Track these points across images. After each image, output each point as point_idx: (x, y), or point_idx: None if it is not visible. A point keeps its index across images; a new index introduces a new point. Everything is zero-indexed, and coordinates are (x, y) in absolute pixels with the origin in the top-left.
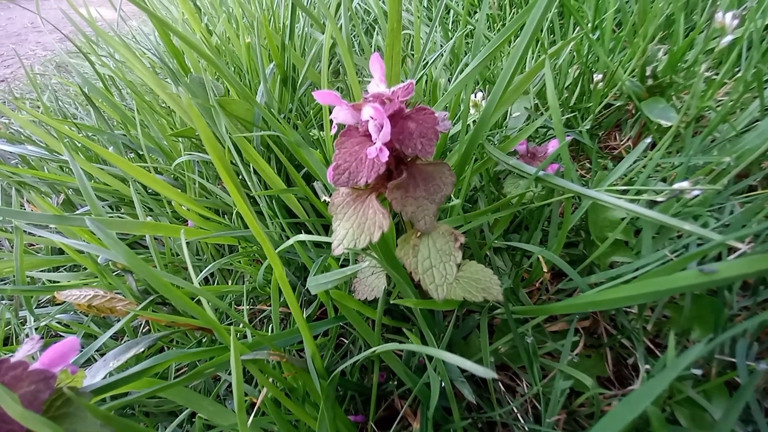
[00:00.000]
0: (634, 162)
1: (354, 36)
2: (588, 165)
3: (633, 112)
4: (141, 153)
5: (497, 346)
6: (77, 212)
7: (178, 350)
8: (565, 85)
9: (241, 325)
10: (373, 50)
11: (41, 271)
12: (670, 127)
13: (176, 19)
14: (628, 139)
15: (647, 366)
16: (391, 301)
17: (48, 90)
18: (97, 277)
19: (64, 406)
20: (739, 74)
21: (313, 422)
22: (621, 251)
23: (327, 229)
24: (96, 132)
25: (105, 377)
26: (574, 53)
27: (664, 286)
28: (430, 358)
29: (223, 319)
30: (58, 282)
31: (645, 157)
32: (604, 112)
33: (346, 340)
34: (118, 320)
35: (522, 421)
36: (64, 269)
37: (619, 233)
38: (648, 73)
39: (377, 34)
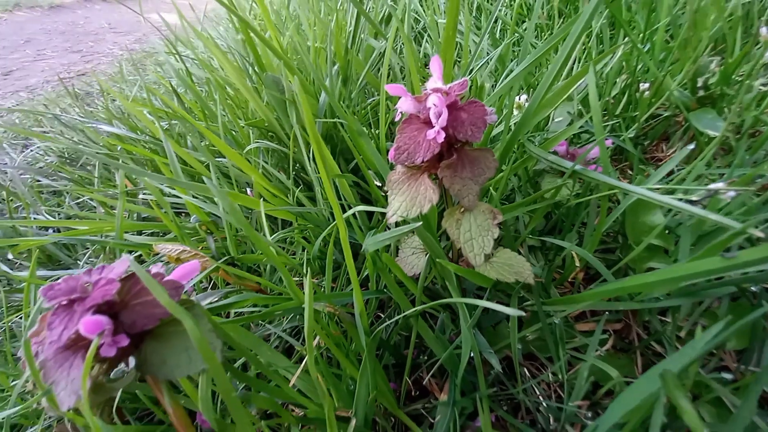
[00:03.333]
0: (678, 170)
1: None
2: (629, 172)
3: (682, 123)
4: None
5: (525, 333)
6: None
7: (251, 293)
8: (612, 94)
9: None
10: (421, 56)
11: (127, 233)
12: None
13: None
14: (674, 151)
15: None
16: (435, 260)
17: (136, 84)
18: (177, 240)
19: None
20: None
21: (356, 372)
22: (659, 257)
23: (371, 216)
24: (180, 120)
25: None
26: (624, 62)
27: (688, 271)
28: (463, 321)
29: (277, 281)
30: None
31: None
32: (651, 122)
33: (382, 315)
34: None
35: (544, 404)
36: (146, 234)
37: (659, 240)
38: (699, 84)
39: (425, 41)
